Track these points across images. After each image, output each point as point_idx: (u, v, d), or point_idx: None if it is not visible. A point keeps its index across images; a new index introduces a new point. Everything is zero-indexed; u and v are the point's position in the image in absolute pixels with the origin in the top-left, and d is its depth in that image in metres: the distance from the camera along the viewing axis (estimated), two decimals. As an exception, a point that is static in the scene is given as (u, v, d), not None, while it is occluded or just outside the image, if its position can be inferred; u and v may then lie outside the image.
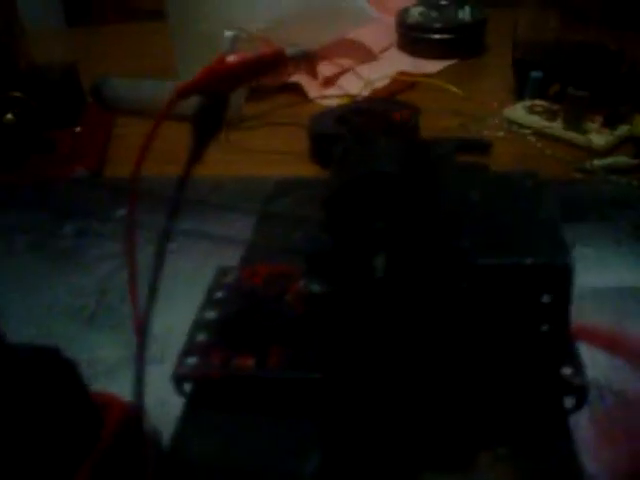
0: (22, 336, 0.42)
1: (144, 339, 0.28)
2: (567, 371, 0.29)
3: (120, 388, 0.35)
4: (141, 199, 0.30)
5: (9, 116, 0.56)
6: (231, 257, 0.39)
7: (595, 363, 0.37)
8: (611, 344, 0.38)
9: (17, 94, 0.57)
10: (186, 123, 0.30)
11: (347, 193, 0.24)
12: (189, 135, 0.31)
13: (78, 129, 0.62)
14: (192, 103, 0.30)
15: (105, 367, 0.39)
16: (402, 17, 0.81)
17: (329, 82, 0.72)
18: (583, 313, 0.41)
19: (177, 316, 0.39)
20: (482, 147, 0.61)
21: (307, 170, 0.58)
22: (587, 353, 0.38)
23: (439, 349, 0.27)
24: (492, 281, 0.26)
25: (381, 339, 0.27)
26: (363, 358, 0.28)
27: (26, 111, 0.57)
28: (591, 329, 0.39)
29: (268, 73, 0.29)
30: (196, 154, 0.30)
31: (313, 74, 0.73)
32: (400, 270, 0.24)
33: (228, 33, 0.30)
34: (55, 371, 0.29)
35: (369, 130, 0.34)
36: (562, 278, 0.26)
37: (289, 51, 0.29)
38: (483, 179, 0.34)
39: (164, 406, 0.35)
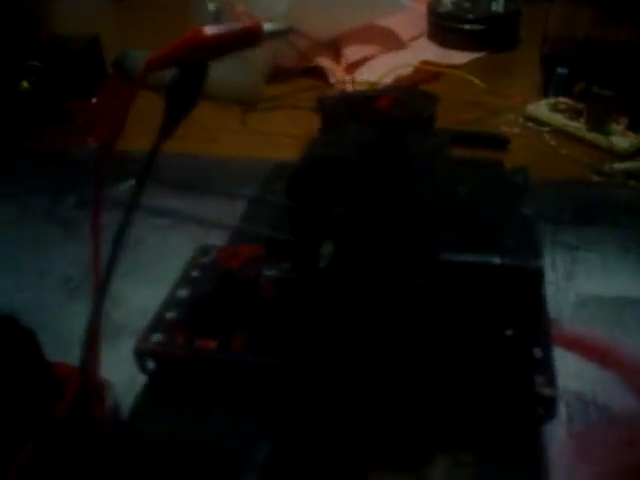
0: (11, 300, 0.43)
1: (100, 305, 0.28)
2: (537, 380, 0.28)
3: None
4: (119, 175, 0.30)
5: (25, 84, 0.56)
6: (221, 236, 0.39)
7: (583, 375, 0.36)
8: (602, 356, 0.37)
9: (34, 63, 0.57)
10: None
11: (303, 177, 0.23)
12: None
13: (94, 101, 0.62)
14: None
15: (82, 338, 0.39)
16: (434, 6, 0.79)
17: (353, 67, 0.71)
18: (578, 320, 0.40)
19: (158, 292, 0.38)
20: (499, 143, 0.60)
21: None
22: (575, 364, 0.36)
23: (397, 343, 0.26)
24: (456, 279, 0.25)
25: (334, 329, 0.26)
26: (320, 347, 0.27)
27: (43, 80, 0.57)
28: (583, 339, 0.38)
29: (244, 47, 0.28)
30: (167, 129, 0.29)
31: (336, 60, 0.72)
32: (349, 260, 0.23)
33: (211, 6, 0.29)
34: (11, 340, 0.29)
35: (342, 116, 0.33)
36: (530, 282, 0.25)
37: (267, 26, 0.28)
38: (476, 174, 0.33)
39: (133, 382, 0.35)
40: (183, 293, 0.34)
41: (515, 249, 0.26)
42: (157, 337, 0.32)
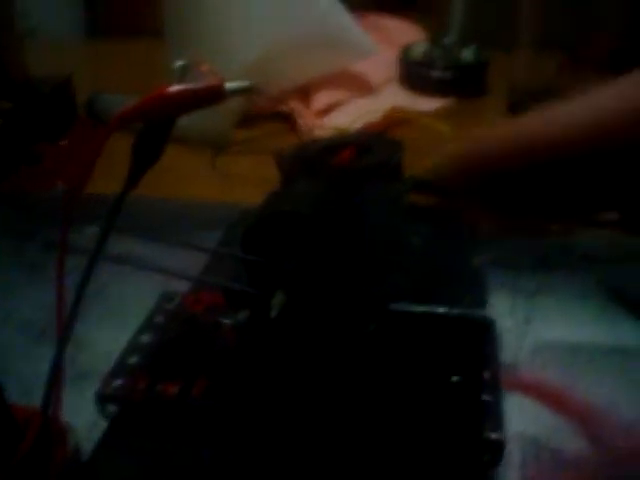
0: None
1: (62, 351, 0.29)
2: (485, 425, 0.29)
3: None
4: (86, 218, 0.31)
5: (-5, 126, 0.57)
6: (185, 282, 0.39)
7: (538, 420, 0.37)
8: (556, 401, 0.38)
9: (4, 104, 0.58)
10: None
11: (257, 231, 0.24)
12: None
13: (65, 143, 0.63)
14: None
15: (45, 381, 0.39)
16: (405, 52, 0.81)
17: (323, 113, 0.73)
18: (535, 366, 0.41)
19: (122, 336, 0.39)
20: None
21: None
22: (531, 410, 0.37)
23: (345, 389, 0.27)
24: (404, 327, 0.26)
25: (286, 376, 0.26)
26: (271, 393, 0.28)
27: (13, 122, 0.58)
28: (538, 384, 0.39)
29: (207, 104, 0.29)
30: (132, 180, 0.30)
31: (306, 104, 0.73)
32: (300, 310, 0.24)
33: (178, 63, 0.30)
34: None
35: (299, 172, 0.34)
36: (475, 330, 0.26)
37: (229, 85, 0.29)
38: (433, 223, 0.34)
39: (96, 426, 0.35)
40: (146, 338, 0.34)
41: (462, 298, 0.27)
42: (119, 382, 0.32)
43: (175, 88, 0.28)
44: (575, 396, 0.38)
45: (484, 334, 0.26)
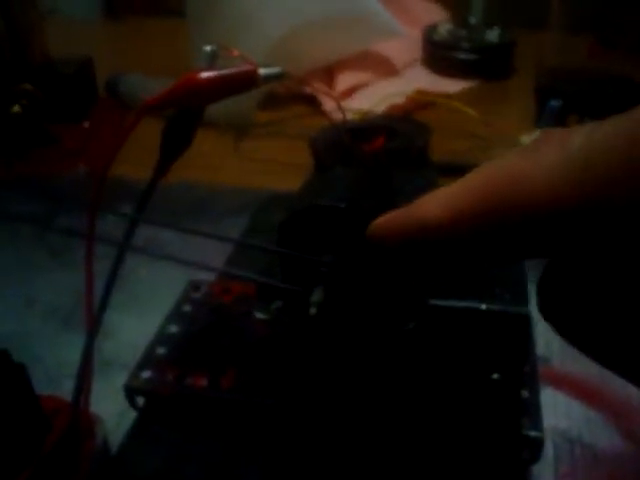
0: (1, 330, 0.42)
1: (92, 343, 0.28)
2: (523, 422, 0.28)
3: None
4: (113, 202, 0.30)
5: (16, 108, 0.56)
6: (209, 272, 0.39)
7: (570, 414, 0.36)
8: (589, 395, 0.37)
9: (27, 86, 0.57)
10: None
11: (293, 225, 0.24)
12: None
13: (86, 125, 0.63)
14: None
15: (73, 370, 0.39)
16: (429, 33, 0.80)
17: (346, 95, 0.71)
18: (567, 359, 0.40)
19: (147, 325, 0.38)
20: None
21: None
22: (564, 403, 0.37)
23: (385, 387, 0.26)
24: (444, 324, 0.25)
25: (323, 372, 0.26)
26: (310, 389, 0.27)
27: (33, 103, 0.57)
28: (571, 378, 0.38)
29: (239, 91, 0.28)
30: (162, 167, 0.29)
31: (330, 86, 0.72)
32: (339, 307, 0.23)
33: (207, 48, 0.29)
34: (1, 374, 0.29)
35: (329, 157, 0.33)
36: (516, 327, 0.25)
37: (262, 71, 0.28)
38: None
39: (123, 416, 0.35)
40: (173, 329, 0.34)
41: (502, 294, 0.26)
42: (147, 374, 0.32)
43: (207, 74, 0.27)
44: (608, 390, 0.37)
45: (524, 331, 0.26)
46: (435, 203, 0.18)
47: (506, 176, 0.17)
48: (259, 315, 0.25)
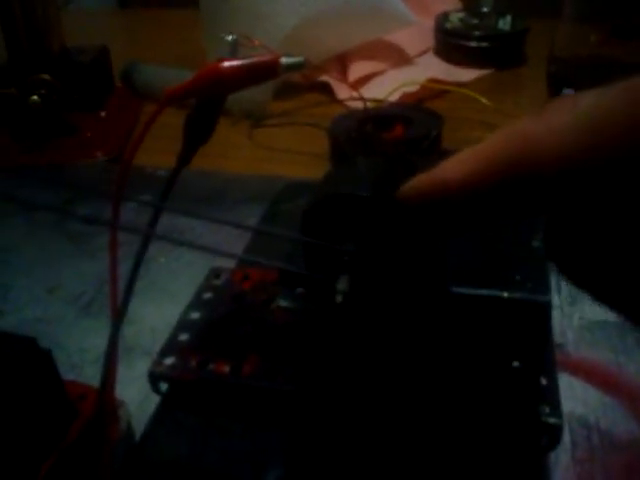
0: (23, 316, 0.43)
1: (117, 331, 0.29)
2: (542, 409, 0.29)
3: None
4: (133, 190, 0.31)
5: (34, 98, 0.57)
6: (228, 259, 0.39)
7: (587, 400, 0.36)
8: (605, 381, 0.37)
9: (45, 76, 0.58)
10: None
11: (314, 214, 0.24)
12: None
13: (103, 114, 0.63)
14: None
15: (95, 355, 0.40)
16: (441, 22, 0.80)
17: (359, 83, 0.72)
18: (582, 345, 0.40)
19: (168, 310, 0.39)
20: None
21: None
22: (579, 389, 0.37)
23: (409, 373, 0.26)
24: (466, 311, 0.26)
25: (347, 359, 0.26)
26: (332, 375, 0.27)
27: (52, 93, 0.58)
28: (586, 364, 0.38)
29: (261, 80, 0.29)
30: (185, 157, 0.30)
31: (344, 75, 0.72)
32: (365, 294, 0.24)
33: (228, 37, 0.30)
34: (30, 361, 0.29)
35: (352, 148, 0.33)
36: (538, 315, 0.26)
37: (284, 60, 0.28)
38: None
39: (147, 401, 0.35)
40: (196, 315, 0.34)
41: (524, 282, 0.26)
42: (170, 360, 0.32)
43: (230, 64, 0.28)
44: (624, 375, 0.38)
45: (545, 318, 0.26)
46: (456, 165, 0.20)
47: (520, 139, 0.18)
48: (282, 303, 0.26)
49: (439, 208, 0.21)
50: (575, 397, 0.36)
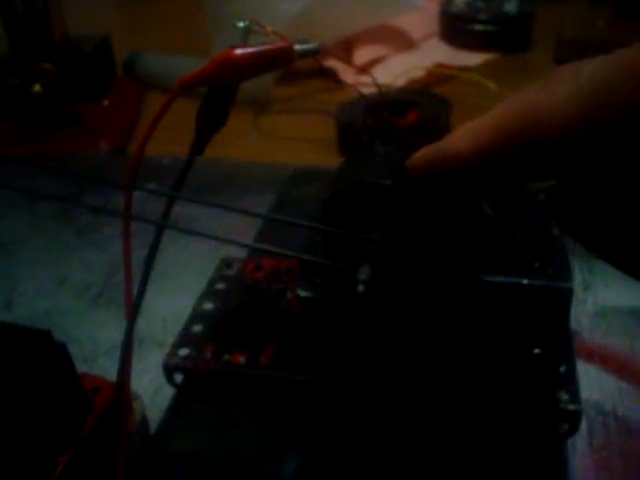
0: (33, 308, 0.43)
1: (132, 324, 0.28)
2: (561, 396, 0.29)
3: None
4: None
5: (37, 87, 0.56)
6: (237, 248, 0.39)
7: (603, 386, 0.36)
8: (621, 367, 0.37)
9: (47, 66, 0.57)
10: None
11: (336, 203, 0.24)
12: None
13: (106, 103, 0.62)
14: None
15: (106, 347, 0.39)
16: (446, 6, 0.79)
17: (364, 69, 0.71)
18: (597, 331, 0.40)
19: (179, 301, 0.39)
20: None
21: (332, 159, 0.57)
22: (596, 376, 0.37)
23: (428, 360, 0.26)
24: (488, 298, 0.25)
25: (367, 348, 0.26)
26: (350, 365, 0.27)
27: (54, 83, 0.57)
28: (602, 350, 0.38)
29: (275, 68, 0.28)
30: (198, 146, 0.29)
31: (348, 60, 0.71)
32: (387, 283, 0.23)
33: (240, 24, 0.29)
34: (47, 355, 0.29)
35: (368, 135, 0.33)
36: (559, 303, 0.25)
37: (298, 47, 0.28)
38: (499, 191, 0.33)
39: (159, 392, 0.35)
40: (209, 306, 0.34)
41: (545, 269, 0.26)
42: (185, 352, 0.32)
43: (244, 51, 0.27)
44: (639, 361, 0.37)
45: (567, 306, 0.26)
46: (464, 135, 0.21)
47: (526, 107, 0.19)
48: (301, 293, 0.26)
49: (449, 177, 0.21)
50: (591, 384, 0.36)
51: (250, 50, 0.27)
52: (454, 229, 0.26)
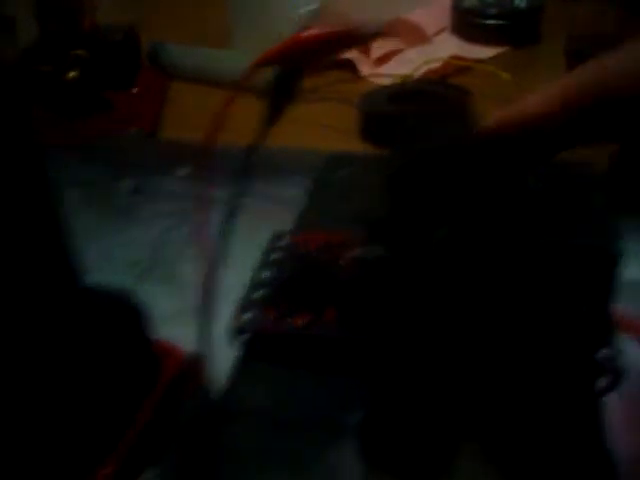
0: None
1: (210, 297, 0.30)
2: (603, 354, 0.30)
3: (174, 339, 0.37)
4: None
5: (72, 74, 0.58)
6: (284, 222, 0.41)
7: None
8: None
9: (81, 52, 0.59)
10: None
11: (404, 174, 0.26)
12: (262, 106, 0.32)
13: (135, 90, 0.64)
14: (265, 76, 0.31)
15: (163, 317, 0.41)
16: (458, 1, 0.81)
17: (382, 61, 0.73)
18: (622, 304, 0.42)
19: (233, 271, 0.40)
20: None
21: (355, 148, 0.59)
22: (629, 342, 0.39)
23: (486, 319, 0.28)
24: (544, 259, 0.27)
25: (432, 306, 0.28)
26: (414, 323, 0.29)
27: (88, 70, 0.59)
28: (629, 320, 0.40)
29: (345, 49, 0.30)
30: (269, 124, 0.31)
31: (366, 52, 0.74)
32: (460, 244, 0.25)
33: (307, 7, 0.31)
34: (123, 314, 0.30)
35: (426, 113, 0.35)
36: (609, 262, 0.27)
37: (366, 28, 0.30)
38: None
39: (221, 354, 0.37)
40: (267, 274, 0.36)
41: (595, 232, 0.28)
42: (249, 315, 0.34)
43: (316, 31, 0.29)
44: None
45: (614, 265, 0.28)
46: (538, 99, 0.24)
47: (601, 71, 0.23)
48: (373, 253, 0.27)
49: (525, 141, 0.24)
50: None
51: (322, 31, 0.29)
52: (514, 197, 0.28)
